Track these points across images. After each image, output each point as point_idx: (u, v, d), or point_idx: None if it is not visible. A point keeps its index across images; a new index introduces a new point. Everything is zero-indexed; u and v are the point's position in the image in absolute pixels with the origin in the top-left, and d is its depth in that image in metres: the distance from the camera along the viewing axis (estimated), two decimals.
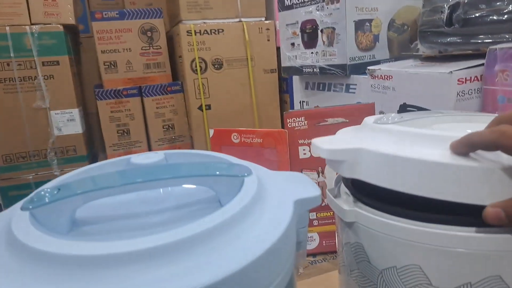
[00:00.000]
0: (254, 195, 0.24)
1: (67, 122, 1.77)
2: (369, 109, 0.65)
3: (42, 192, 0.25)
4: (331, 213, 0.70)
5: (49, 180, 1.31)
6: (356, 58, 0.87)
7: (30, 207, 0.24)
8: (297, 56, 0.97)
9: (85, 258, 0.19)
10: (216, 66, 1.75)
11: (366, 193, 0.29)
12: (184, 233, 0.20)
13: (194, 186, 0.29)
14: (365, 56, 0.89)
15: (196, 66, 1.74)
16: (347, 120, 0.65)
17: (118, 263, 0.18)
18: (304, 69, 0.96)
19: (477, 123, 0.29)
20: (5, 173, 1.72)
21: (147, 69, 1.86)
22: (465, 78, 0.60)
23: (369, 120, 0.34)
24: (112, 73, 1.84)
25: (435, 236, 0.25)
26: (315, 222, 0.69)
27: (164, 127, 1.89)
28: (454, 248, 0.25)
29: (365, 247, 0.29)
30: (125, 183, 0.24)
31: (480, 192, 0.23)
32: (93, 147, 2.06)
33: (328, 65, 0.89)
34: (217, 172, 0.26)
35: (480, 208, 0.24)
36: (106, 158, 1.90)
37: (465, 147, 0.24)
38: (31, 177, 1.74)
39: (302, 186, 0.27)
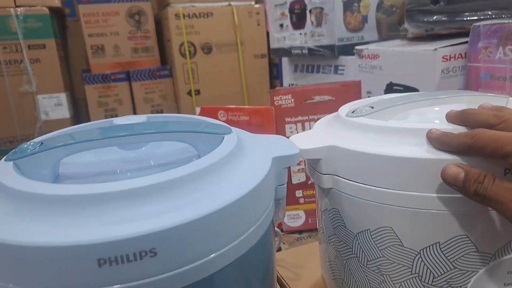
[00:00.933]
0: (234, 148, 0.24)
1: (55, 107, 1.75)
2: (356, 87, 0.65)
3: (25, 145, 0.25)
4: None
5: None
6: (345, 39, 0.87)
7: (14, 158, 0.23)
8: (285, 37, 0.97)
9: (69, 197, 0.19)
10: (205, 50, 1.73)
11: None
12: (163, 177, 0.20)
13: (175, 147, 0.29)
14: (353, 37, 0.89)
15: (185, 51, 1.73)
16: (334, 98, 0.65)
17: (103, 201, 0.19)
18: (292, 51, 0.96)
19: (446, 107, 0.29)
20: None
21: (135, 53, 1.84)
22: (449, 55, 0.60)
23: (342, 111, 0.33)
24: (99, 57, 1.82)
25: (405, 198, 0.25)
26: (301, 200, 0.70)
27: (153, 112, 1.88)
28: (424, 209, 0.25)
29: (341, 212, 0.30)
30: (106, 136, 0.24)
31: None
32: None
33: (317, 46, 0.89)
34: (198, 129, 0.26)
35: None
36: None
37: (441, 146, 0.24)
38: None
39: (282, 146, 0.27)
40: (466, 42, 0.61)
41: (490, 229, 0.24)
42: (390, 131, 0.27)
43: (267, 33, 1.84)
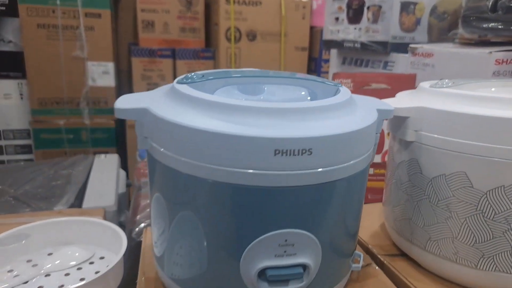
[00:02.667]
0: (351, 95, 0.31)
1: (102, 74, 1.85)
2: (411, 80, 0.72)
3: (190, 75, 0.32)
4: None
5: (79, 128, 1.45)
6: (398, 38, 0.94)
7: (185, 82, 0.31)
8: (339, 30, 1.03)
9: (257, 108, 0.26)
10: (250, 37, 1.81)
11: None
12: (318, 103, 0.28)
13: (290, 92, 0.36)
14: (406, 36, 0.95)
15: (230, 35, 1.80)
16: (389, 87, 0.72)
17: (278, 113, 0.26)
18: (345, 44, 1.03)
19: None
20: (39, 116, 1.80)
21: (182, 32, 1.92)
22: (502, 59, 0.66)
23: (424, 85, 0.40)
24: (148, 32, 1.91)
25: (482, 149, 0.32)
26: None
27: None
28: (497, 158, 0.32)
29: (419, 162, 0.37)
30: (256, 75, 0.32)
31: None
32: None
33: (370, 41, 0.96)
34: (318, 80, 0.33)
35: None
36: None
37: None
38: (62, 122, 1.82)
39: (380, 103, 0.35)
40: None
41: None
42: (472, 98, 0.34)
43: (310, 28, 1.90)
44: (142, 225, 0.62)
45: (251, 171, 0.26)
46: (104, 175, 0.97)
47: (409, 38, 0.96)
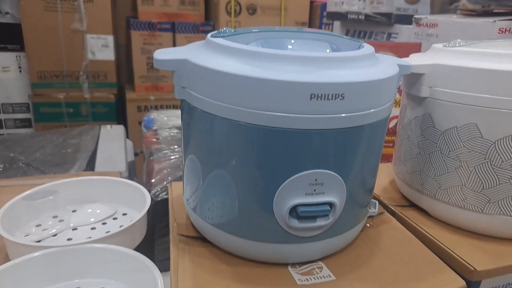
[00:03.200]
0: (373, 50, 0.34)
1: (101, 48, 1.84)
2: (416, 48, 0.74)
3: (222, 30, 0.34)
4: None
5: (79, 102, 1.46)
6: (401, 9, 0.95)
7: (219, 36, 0.33)
8: (344, 2, 1.04)
9: (294, 57, 0.28)
10: (250, 11, 1.80)
11: None
12: (349, 54, 0.30)
13: (328, 46, 0.38)
14: (409, 8, 0.96)
15: (231, 9, 1.80)
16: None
17: (313, 62, 0.28)
18: (349, 16, 1.04)
19: None
20: (38, 89, 1.80)
21: (182, 5, 1.91)
22: (505, 28, 0.69)
23: (437, 46, 0.42)
24: (148, 5, 1.89)
25: (493, 101, 0.35)
26: None
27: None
28: (506, 109, 0.35)
29: (432, 116, 0.39)
30: (283, 30, 0.34)
31: None
32: (119, 78, 2.13)
33: (374, 13, 0.97)
34: (343, 37, 0.35)
35: None
36: (133, 89, 1.97)
37: None
38: (62, 96, 1.82)
39: (398, 60, 0.37)
40: None
41: None
42: (483, 54, 0.36)
43: (310, 2, 1.90)
44: (158, 187, 0.65)
45: (288, 114, 0.28)
46: (113, 144, 0.99)
47: (412, 10, 0.97)
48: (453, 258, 0.36)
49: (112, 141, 1.01)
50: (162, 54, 0.32)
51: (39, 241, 0.46)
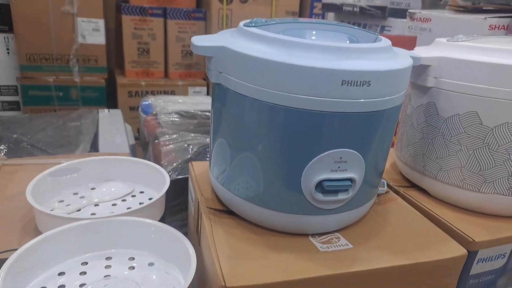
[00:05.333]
0: (390, 42, 0.37)
1: (92, 32, 1.82)
2: (411, 41, 0.78)
3: (254, 21, 0.37)
4: None
5: (69, 86, 1.48)
6: (395, 3, 0.99)
7: (252, 25, 0.36)
8: None
9: (325, 47, 0.32)
10: None
11: None
12: (374, 45, 0.33)
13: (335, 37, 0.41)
14: (402, 2, 1.01)
15: None
16: None
17: (344, 52, 0.32)
18: (344, 7, 1.08)
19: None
20: (28, 72, 1.78)
21: None
22: (495, 25, 0.74)
23: (441, 40, 0.47)
24: None
25: (493, 91, 0.39)
26: None
27: (183, 52, 1.97)
28: (504, 99, 0.39)
29: (436, 104, 0.44)
30: (310, 22, 0.37)
31: None
32: (109, 62, 2.11)
33: (369, 6, 1.01)
34: (352, 28, 0.39)
35: None
36: (123, 74, 1.97)
37: None
38: (51, 79, 1.81)
39: (410, 52, 0.41)
40: (509, 16, 0.74)
41: None
42: (485, 49, 0.41)
43: None
44: (169, 168, 0.68)
45: (322, 98, 0.31)
46: (113, 127, 1.01)
47: (405, 4, 1.02)
48: (453, 231, 0.41)
49: (112, 125, 1.03)
50: (201, 40, 0.35)
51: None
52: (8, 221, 0.49)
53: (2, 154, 0.77)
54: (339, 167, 0.34)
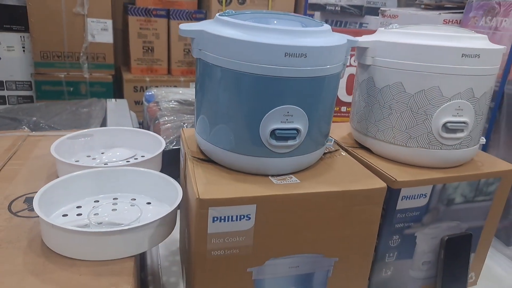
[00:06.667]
0: (331, 29, 0.49)
1: (101, 31, 1.96)
2: None
3: (226, 12, 0.49)
4: (338, 108, 0.96)
5: (79, 81, 1.65)
6: (371, 2, 1.11)
7: (224, 15, 0.48)
8: None
9: (265, 28, 0.44)
10: (240, 1, 1.95)
11: None
12: (312, 29, 0.45)
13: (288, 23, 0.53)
14: (378, 2, 1.12)
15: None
16: None
17: (286, 33, 0.44)
18: (327, 7, 1.19)
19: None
20: (41, 68, 1.92)
21: None
22: (449, 20, 0.85)
23: (381, 29, 0.58)
24: None
25: (413, 66, 0.51)
26: None
27: (185, 50, 2.10)
28: (421, 71, 0.51)
29: (374, 78, 0.55)
30: (270, 13, 0.49)
31: None
32: (116, 60, 2.24)
33: (348, 5, 1.13)
34: (306, 18, 0.51)
35: None
36: (129, 71, 2.10)
37: None
38: (63, 75, 1.95)
39: (349, 36, 0.53)
40: (462, 12, 0.85)
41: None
42: (408, 33, 0.52)
43: None
44: (167, 141, 0.80)
45: (271, 66, 0.43)
46: (120, 113, 1.14)
47: (381, 3, 1.14)
48: (381, 173, 0.52)
49: (119, 111, 1.15)
50: (186, 26, 0.47)
51: None
52: (36, 173, 0.61)
53: (26, 128, 0.89)
54: (287, 119, 0.46)
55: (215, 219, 0.43)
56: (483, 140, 0.59)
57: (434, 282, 0.60)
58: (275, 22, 0.50)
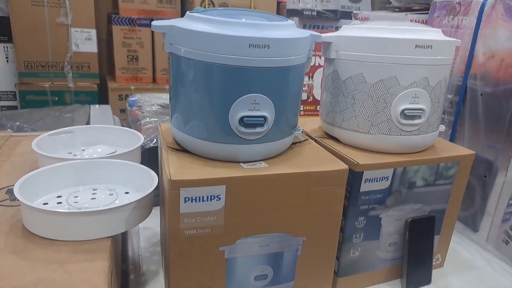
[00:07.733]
0: (294, 24, 0.53)
1: (85, 41, 1.98)
2: None
3: (196, 9, 0.53)
4: (314, 107, 1.00)
5: (64, 91, 1.69)
6: (346, 7, 1.16)
7: (196, 12, 0.52)
8: (300, 0, 1.24)
9: (238, 23, 0.47)
10: None
11: None
12: (274, 24, 0.49)
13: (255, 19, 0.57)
14: (353, 6, 1.17)
15: (205, 7, 1.98)
16: None
17: (250, 26, 0.47)
18: (304, 12, 1.24)
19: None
20: (25, 78, 1.93)
21: (160, 3, 2.07)
22: (415, 20, 0.90)
23: (344, 26, 0.63)
24: (128, 2, 2.05)
25: (373, 58, 0.55)
26: (301, 113, 0.99)
27: (169, 58, 2.13)
28: (379, 62, 0.55)
29: (338, 71, 0.59)
30: (237, 10, 0.53)
31: None
32: (101, 70, 2.26)
33: (324, 10, 1.18)
34: (272, 15, 0.55)
35: None
36: (114, 80, 2.12)
37: None
38: (47, 85, 1.96)
39: (313, 32, 0.56)
40: (427, 13, 0.90)
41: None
42: (368, 28, 0.56)
43: (277, 3, 2.11)
44: (147, 139, 0.82)
45: (237, 56, 0.47)
46: (103, 118, 1.16)
47: (356, 7, 1.19)
48: (346, 158, 0.56)
49: (102, 116, 1.18)
50: (158, 22, 0.50)
51: None
52: (18, 168, 0.63)
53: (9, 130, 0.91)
54: (254, 107, 0.50)
55: (187, 199, 0.46)
56: (442, 128, 0.63)
57: (401, 263, 0.63)
58: (242, 17, 0.53)
